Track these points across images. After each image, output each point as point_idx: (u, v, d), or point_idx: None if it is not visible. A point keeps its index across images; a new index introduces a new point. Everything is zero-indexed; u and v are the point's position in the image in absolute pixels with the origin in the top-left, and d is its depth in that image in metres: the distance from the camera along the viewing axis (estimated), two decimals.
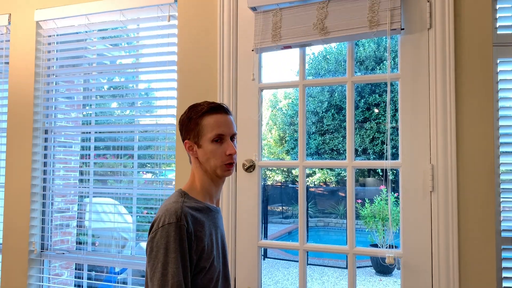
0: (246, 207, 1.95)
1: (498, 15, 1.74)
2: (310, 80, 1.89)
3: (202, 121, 1.28)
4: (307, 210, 9.96)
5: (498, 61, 1.73)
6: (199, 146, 1.29)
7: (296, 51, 1.91)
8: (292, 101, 16.28)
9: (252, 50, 1.93)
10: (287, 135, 17.70)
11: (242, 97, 1.96)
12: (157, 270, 1.14)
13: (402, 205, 1.73)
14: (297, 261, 1.90)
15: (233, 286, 1.91)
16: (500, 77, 1.73)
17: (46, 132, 2.39)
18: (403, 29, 1.73)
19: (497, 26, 1.74)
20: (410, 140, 1.72)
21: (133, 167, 2.25)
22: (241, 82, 1.96)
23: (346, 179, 1.81)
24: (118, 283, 2.23)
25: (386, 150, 1.70)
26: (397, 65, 1.79)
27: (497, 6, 1.74)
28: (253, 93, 1.94)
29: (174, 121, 2.09)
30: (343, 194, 13.18)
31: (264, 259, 8.65)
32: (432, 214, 1.68)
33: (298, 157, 1.90)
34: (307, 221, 9.71)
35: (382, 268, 7.66)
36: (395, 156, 1.76)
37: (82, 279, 2.56)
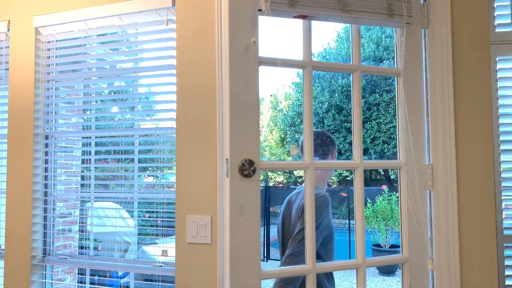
0: (242, 225, 1.48)
1: (496, 13, 1.74)
2: (319, 62, 1.70)
3: None
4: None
5: (497, 59, 1.72)
6: None
7: (299, 37, 1.84)
8: (293, 102, 16.30)
9: (260, 10, 1.56)
10: (288, 136, 17.70)
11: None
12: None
13: (402, 205, 1.73)
14: None
15: None
16: (499, 75, 1.73)
17: (46, 137, 2.40)
18: (411, 24, 1.71)
19: (495, 24, 1.74)
20: (410, 138, 1.72)
21: (134, 171, 2.25)
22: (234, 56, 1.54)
23: (348, 179, 1.80)
24: (121, 287, 2.23)
25: (397, 148, 1.70)
26: (395, 62, 1.79)
27: (495, 4, 1.74)
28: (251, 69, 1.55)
29: (174, 124, 2.09)
30: (345, 194, 13.16)
31: (267, 261, 8.64)
32: (433, 213, 1.68)
33: (305, 157, 1.60)
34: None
35: (385, 268, 7.64)
36: (395, 155, 1.76)
37: (85, 283, 2.56)
